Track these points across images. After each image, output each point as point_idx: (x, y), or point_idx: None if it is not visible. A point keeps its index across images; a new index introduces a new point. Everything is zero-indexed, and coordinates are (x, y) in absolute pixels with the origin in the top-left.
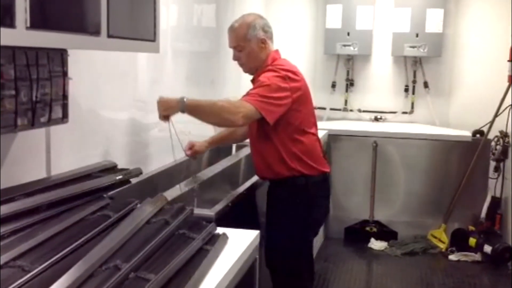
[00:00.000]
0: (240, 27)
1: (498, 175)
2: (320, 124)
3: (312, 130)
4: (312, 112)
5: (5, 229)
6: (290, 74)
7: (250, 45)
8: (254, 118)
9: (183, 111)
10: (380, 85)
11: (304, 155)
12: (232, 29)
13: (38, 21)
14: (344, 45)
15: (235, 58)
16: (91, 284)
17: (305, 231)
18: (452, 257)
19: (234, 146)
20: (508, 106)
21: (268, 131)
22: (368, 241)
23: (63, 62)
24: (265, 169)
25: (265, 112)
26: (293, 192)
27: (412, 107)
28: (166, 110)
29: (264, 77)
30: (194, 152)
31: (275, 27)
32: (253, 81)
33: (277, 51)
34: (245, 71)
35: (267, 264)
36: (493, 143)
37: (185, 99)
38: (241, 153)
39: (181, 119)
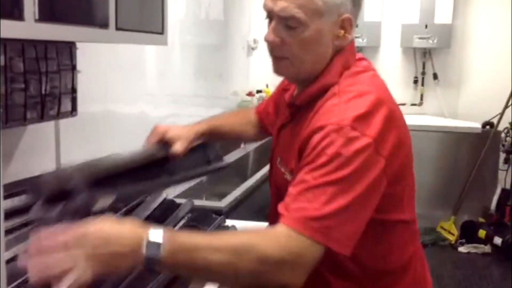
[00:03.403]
0: None
1: (508, 167)
2: None
3: None
4: None
5: (15, 222)
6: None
7: (318, 25)
8: None
9: None
10: (389, 76)
11: None
12: None
13: (47, 14)
14: None
15: (273, 38)
16: (98, 278)
17: None
18: (461, 249)
19: None
20: None
21: None
22: None
23: (72, 55)
24: None
25: None
26: None
27: (422, 98)
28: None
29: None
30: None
31: None
32: (291, 104)
33: (353, 49)
34: (286, 75)
35: None
36: (503, 135)
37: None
38: (249, 146)
39: (187, 113)
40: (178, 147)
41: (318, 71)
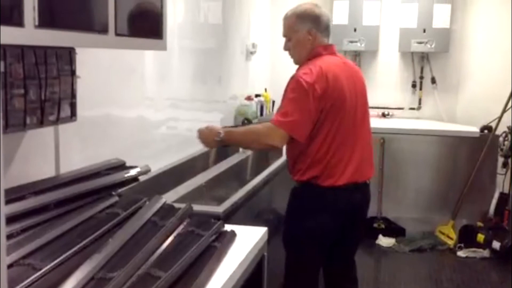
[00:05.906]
0: (290, 16)
1: (506, 171)
2: None
3: None
4: None
5: (15, 227)
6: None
7: (296, 36)
8: None
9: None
10: (387, 81)
11: None
12: (284, 18)
13: (47, 20)
14: (351, 41)
15: (285, 47)
16: (100, 282)
17: None
18: (460, 253)
19: None
20: None
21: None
22: (376, 237)
23: (71, 61)
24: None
25: None
26: None
27: (420, 103)
28: (206, 144)
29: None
30: None
31: (281, 24)
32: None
33: (327, 46)
34: (294, 62)
35: None
36: (501, 139)
37: (221, 135)
38: (248, 150)
39: (186, 117)
40: None
41: (303, 59)
